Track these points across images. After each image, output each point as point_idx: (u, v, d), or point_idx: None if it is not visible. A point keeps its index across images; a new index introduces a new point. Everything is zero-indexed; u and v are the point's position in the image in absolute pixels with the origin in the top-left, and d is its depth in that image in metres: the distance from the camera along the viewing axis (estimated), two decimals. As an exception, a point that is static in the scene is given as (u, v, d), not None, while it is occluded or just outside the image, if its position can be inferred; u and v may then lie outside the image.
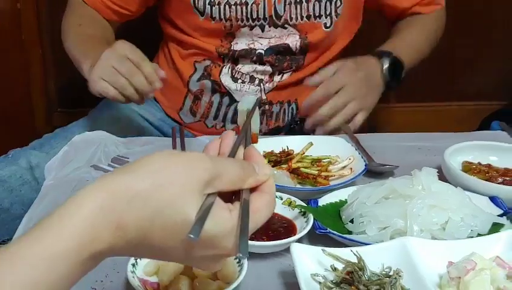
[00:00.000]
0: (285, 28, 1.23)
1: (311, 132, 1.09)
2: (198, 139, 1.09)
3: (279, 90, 1.30)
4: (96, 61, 1.05)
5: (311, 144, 0.90)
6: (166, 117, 1.40)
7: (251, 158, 0.51)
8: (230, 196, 0.48)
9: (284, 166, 0.86)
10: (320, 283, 0.62)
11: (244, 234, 0.44)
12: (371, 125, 1.87)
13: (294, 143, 0.92)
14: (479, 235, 0.71)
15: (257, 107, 1.10)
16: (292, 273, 0.66)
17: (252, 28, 1.23)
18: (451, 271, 0.61)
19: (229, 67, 1.28)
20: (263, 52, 1.25)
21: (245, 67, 1.28)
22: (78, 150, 1.00)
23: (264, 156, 0.89)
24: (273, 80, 1.29)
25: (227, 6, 1.21)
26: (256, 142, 1.11)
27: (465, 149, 0.92)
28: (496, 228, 0.72)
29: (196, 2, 1.22)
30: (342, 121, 1.06)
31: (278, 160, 0.88)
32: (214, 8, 1.21)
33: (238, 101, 1.29)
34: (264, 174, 0.50)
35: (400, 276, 0.60)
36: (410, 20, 1.35)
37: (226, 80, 1.29)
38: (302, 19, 1.23)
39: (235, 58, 1.26)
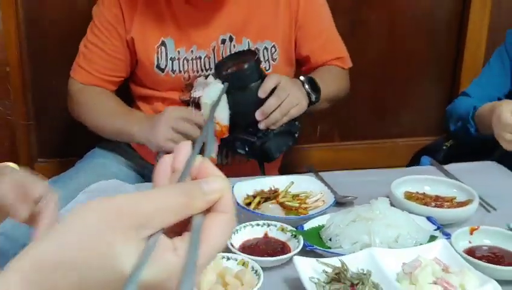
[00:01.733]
0: None
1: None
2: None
3: None
4: (143, 124, 1.35)
5: (292, 182, 1.17)
6: (147, 163, 1.64)
7: (201, 174, 0.45)
8: (184, 225, 0.43)
9: (273, 201, 1.13)
10: (315, 283, 0.87)
11: (187, 273, 0.39)
12: (323, 158, 2.18)
13: (278, 182, 1.19)
14: (421, 244, 0.99)
15: (224, 95, 1.30)
16: (292, 279, 0.91)
17: (206, 76, 1.51)
18: (405, 268, 0.89)
19: (194, 112, 1.54)
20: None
21: None
22: (94, 197, 1.21)
23: (255, 195, 1.15)
24: None
25: (185, 61, 1.49)
26: (225, 134, 1.35)
27: (406, 182, 1.21)
28: (432, 238, 1.01)
29: (159, 60, 1.49)
30: (283, 113, 1.31)
31: (268, 196, 1.14)
32: (174, 62, 1.49)
33: None
34: (214, 191, 0.44)
35: (370, 274, 0.87)
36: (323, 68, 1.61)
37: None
38: None
39: (197, 103, 1.53)
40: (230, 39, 1.49)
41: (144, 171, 1.62)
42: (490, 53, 1.73)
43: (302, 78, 1.43)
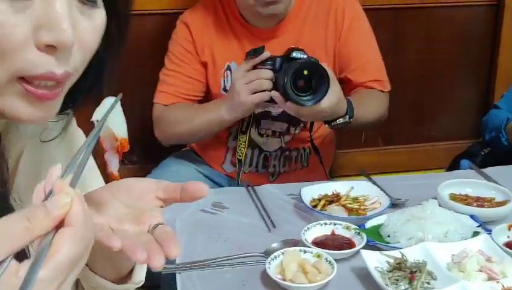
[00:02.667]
0: None
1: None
2: (262, 188, 1.52)
3: (295, 139, 1.77)
4: (225, 101, 1.54)
5: (352, 187, 1.37)
6: (213, 169, 1.85)
7: (55, 193, 0.47)
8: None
9: (337, 203, 1.32)
10: (380, 271, 1.06)
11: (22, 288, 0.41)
12: (367, 161, 2.35)
13: (339, 187, 1.38)
14: (466, 239, 1.17)
15: (118, 107, 1.47)
16: (359, 268, 1.11)
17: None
18: (454, 258, 1.07)
19: (255, 127, 1.74)
20: (277, 115, 1.71)
21: (267, 125, 1.75)
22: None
23: (320, 199, 1.34)
24: (290, 133, 1.76)
25: None
26: (126, 148, 1.50)
27: (450, 185, 1.38)
28: (475, 234, 1.18)
29: (225, 83, 1.69)
30: None
31: (332, 199, 1.33)
32: None
33: (266, 151, 1.75)
34: (57, 207, 0.45)
35: (425, 264, 1.06)
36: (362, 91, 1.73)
37: (254, 136, 1.75)
38: None
39: (258, 120, 1.72)
40: None
41: (212, 176, 1.83)
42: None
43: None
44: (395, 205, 1.34)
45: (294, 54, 1.45)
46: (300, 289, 1.04)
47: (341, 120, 1.53)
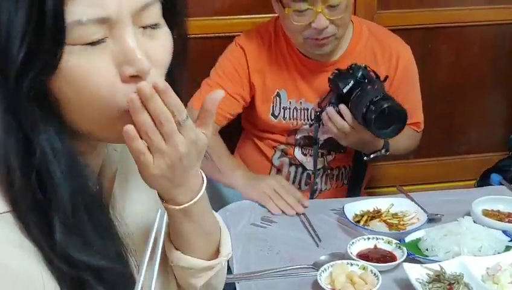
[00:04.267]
0: None
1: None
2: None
3: (337, 159, 1.88)
4: (246, 173, 1.65)
5: (392, 204, 1.48)
6: None
7: None
8: None
9: (378, 219, 1.44)
10: (420, 283, 1.18)
11: None
12: (399, 174, 2.45)
13: (379, 204, 1.50)
14: (499, 253, 1.28)
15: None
16: (400, 280, 1.22)
17: (310, 125, 1.81)
18: (489, 271, 1.18)
19: (298, 148, 1.86)
20: (323, 141, 1.82)
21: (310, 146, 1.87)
22: (234, 214, 1.55)
23: (362, 215, 1.46)
24: (331, 153, 1.87)
25: (294, 111, 1.80)
26: None
27: (483, 201, 1.49)
28: (507, 248, 1.29)
29: (274, 109, 1.80)
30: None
31: (373, 215, 1.45)
32: (285, 111, 1.81)
33: (309, 170, 1.87)
34: None
35: (462, 276, 1.17)
36: None
37: (298, 156, 1.87)
38: None
39: (302, 143, 1.84)
40: None
41: None
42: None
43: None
44: (431, 220, 1.45)
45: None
46: (349, 299, 1.16)
47: (379, 153, 1.68)
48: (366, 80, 1.61)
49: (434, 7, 2.33)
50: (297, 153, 1.86)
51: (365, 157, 1.72)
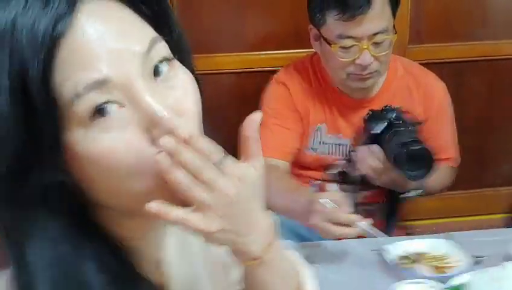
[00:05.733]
0: None
1: None
2: (346, 244, 1.63)
3: (370, 196, 1.88)
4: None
5: (435, 246, 1.48)
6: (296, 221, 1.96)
7: None
8: None
9: (421, 262, 1.43)
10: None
11: None
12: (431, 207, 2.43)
13: (422, 245, 1.49)
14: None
15: None
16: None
17: (348, 161, 1.82)
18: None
19: (335, 184, 1.86)
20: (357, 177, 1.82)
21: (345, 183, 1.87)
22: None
23: (405, 256, 1.46)
24: (365, 190, 1.87)
25: (332, 146, 1.82)
26: None
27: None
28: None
29: (313, 142, 1.82)
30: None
31: (415, 258, 1.45)
32: (324, 146, 1.82)
33: None
34: None
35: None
36: None
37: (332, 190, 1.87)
38: None
39: (337, 180, 1.85)
40: None
41: (296, 229, 1.94)
42: None
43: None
44: (476, 262, 1.44)
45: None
46: None
47: (414, 193, 1.70)
48: (399, 122, 1.64)
49: (466, 41, 2.34)
50: (333, 188, 1.87)
51: (400, 195, 1.72)
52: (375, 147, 1.64)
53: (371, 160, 1.65)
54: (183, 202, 0.59)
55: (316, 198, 1.46)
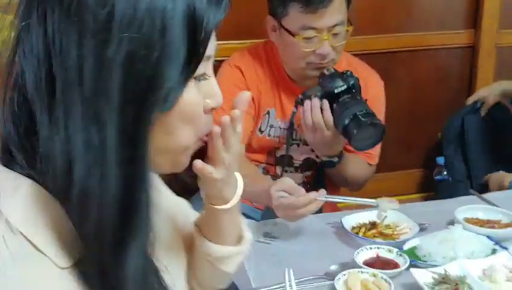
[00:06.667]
0: None
1: None
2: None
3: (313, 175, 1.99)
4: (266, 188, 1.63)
5: (386, 216, 1.61)
6: (243, 204, 2.04)
7: None
8: None
9: (374, 230, 1.56)
10: (427, 285, 1.30)
11: None
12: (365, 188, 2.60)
13: (374, 216, 1.62)
14: (487, 255, 1.43)
15: None
16: (408, 284, 1.34)
17: (291, 145, 1.93)
18: (486, 272, 1.33)
19: (279, 167, 1.96)
20: (301, 162, 1.94)
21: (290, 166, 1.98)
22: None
23: (360, 227, 1.58)
24: (308, 171, 1.98)
25: (279, 129, 1.92)
26: None
27: (463, 211, 1.65)
28: (493, 251, 1.45)
29: (262, 125, 1.91)
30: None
31: (370, 227, 1.57)
32: (271, 129, 1.92)
33: None
34: None
35: (465, 277, 1.31)
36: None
37: (279, 173, 1.97)
38: None
39: (281, 162, 1.95)
40: None
41: (244, 211, 2.02)
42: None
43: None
44: (422, 229, 1.59)
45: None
46: (369, 303, 1.27)
47: (333, 159, 1.78)
48: (355, 91, 1.71)
49: (393, 33, 2.53)
50: (278, 171, 1.96)
51: (317, 160, 1.82)
52: (326, 104, 1.69)
53: (318, 113, 1.68)
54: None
55: (273, 193, 1.54)
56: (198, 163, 0.87)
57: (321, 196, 1.54)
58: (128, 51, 0.62)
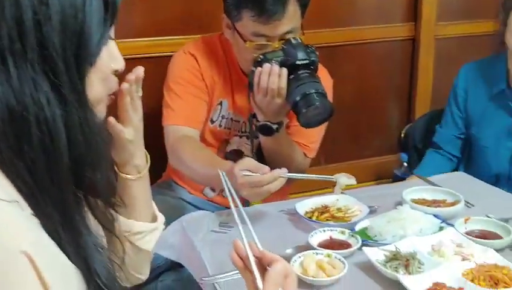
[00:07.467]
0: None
1: None
2: (253, 208, 1.76)
3: None
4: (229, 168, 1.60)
5: (337, 199, 1.65)
6: (193, 196, 2.07)
7: (265, 259, 0.94)
8: None
9: (326, 214, 1.60)
10: (380, 262, 1.35)
11: None
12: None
13: (325, 200, 1.66)
14: (434, 233, 1.49)
15: None
16: (361, 262, 1.38)
17: (241, 136, 1.95)
18: (434, 247, 1.38)
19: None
20: (252, 155, 1.95)
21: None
22: (191, 223, 1.63)
23: (313, 211, 1.62)
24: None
25: (229, 120, 1.93)
26: None
27: (409, 192, 1.71)
28: (441, 228, 1.51)
29: (213, 115, 1.92)
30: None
31: (322, 211, 1.61)
32: (223, 120, 1.93)
33: None
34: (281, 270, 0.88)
35: (416, 253, 1.36)
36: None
37: None
38: None
39: (231, 158, 1.96)
40: None
41: (197, 204, 2.03)
42: (436, 88, 2.28)
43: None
44: (371, 211, 1.64)
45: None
46: (326, 282, 1.30)
47: (272, 126, 1.75)
48: (313, 68, 1.71)
49: (337, 27, 2.59)
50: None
51: (255, 122, 1.80)
52: (285, 72, 1.67)
53: (275, 80, 1.67)
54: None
55: (237, 172, 1.50)
56: (111, 119, 1.04)
57: (284, 173, 1.53)
58: (59, 11, 0.75)
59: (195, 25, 2.30)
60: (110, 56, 0.88)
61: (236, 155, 1.96)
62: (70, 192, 0.79)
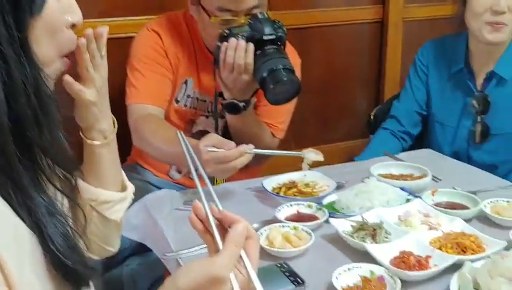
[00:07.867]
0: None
1: None
2: (221, 187, 1.72)
3: None
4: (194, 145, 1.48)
5: (305, 175, 1.63)
6: (158, 178, 2.02)
7: (226, 220, 0.85)
8: None
9: (294, 189, 1.57)
10: (346, 233, 1.33)
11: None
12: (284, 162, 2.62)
13: (293, 177, 1.64)
14: (401, 204, 1.47)
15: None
16: (328, 234, 1.36)
17: (207, 117, 1.92)
18: (401, 217, 1.37)
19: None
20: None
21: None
22: (154, 202, 1.59)
23: (280, 187, 1.59)
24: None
25: (195, 100, 1.90)
26: None
27: (377, 167, 1.69)
28: (408, 200, 1.50)
29: (178, 94, 1.88)
30: None
31: (290, 186, 1.58)
32: (188, 99, 1.89)
33: None
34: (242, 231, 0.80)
35: (383, 223, 1.34)
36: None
37: None
38: None
39: (197, 135, 1.92)
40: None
41: (162, 186, 1.98)
42: (404, 70, 2.27)
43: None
44: (339, 186, 1.62)
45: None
46: (292, 253, 1.27)
47: (239, 104, 1.71)
48: (280, 44, 1.67)
49: (305, 9, 2.57)
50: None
51: (221, 100, 1.74)
52: (252, 48, 1.63)
53: (242, 55, 1.62)
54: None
55: (202, 148, 1.46)
56: (68, 77, 0.95)
57: (251, 148, 1.49)
58: None
59: (157, 4, 2.26)
60: (63, 6, 0.80)
61: (202, 136, 1.91)
62: (13, 154, 0.72)
